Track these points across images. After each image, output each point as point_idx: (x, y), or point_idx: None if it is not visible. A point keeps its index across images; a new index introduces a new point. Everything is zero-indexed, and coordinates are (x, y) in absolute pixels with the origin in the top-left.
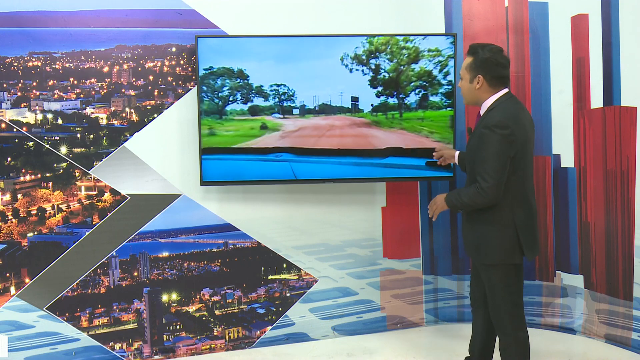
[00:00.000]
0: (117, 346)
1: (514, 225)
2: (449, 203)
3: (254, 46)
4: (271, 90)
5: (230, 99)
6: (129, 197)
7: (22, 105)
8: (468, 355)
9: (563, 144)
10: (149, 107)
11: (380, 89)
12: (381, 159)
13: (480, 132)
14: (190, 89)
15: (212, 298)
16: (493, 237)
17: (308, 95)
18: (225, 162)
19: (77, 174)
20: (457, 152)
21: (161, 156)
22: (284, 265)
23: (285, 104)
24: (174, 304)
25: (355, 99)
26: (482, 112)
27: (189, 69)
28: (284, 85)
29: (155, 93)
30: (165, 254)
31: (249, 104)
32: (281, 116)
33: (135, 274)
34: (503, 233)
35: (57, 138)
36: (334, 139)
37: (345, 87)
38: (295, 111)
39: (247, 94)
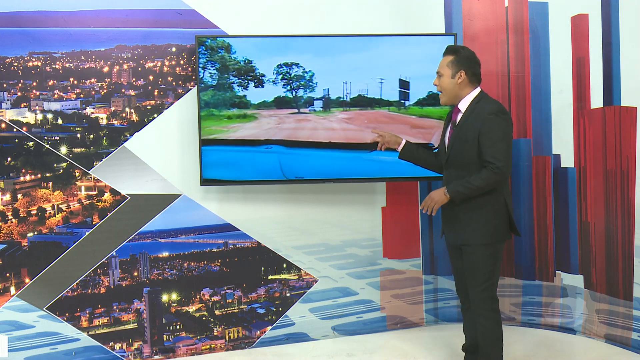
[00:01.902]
0: (117, 346)
1: (506, 205)
2: (454, 194)
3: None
4: (277, 74)
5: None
6: (129, 197)
7: (22, 105)
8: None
9: (563, 144)
10: (149, 107)
11: None
12: (368, 153)
13: (485, 118)
14: (190, 89)
15: (212, 298)
16: (491, 218)
17: (336, 84)
18: (223, 154)
19: (77, 174)
20: (404, 141)
21: (161, 156)
22: (284, 265)
23: (301, 94)
24: (174, 304)
25: (404, 86)
26: (462, 107)
27: (189, 69)
28: (297, 66)
29: (155, 93)
30: (165, 254)
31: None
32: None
33: (135, 274)
34: (499, 213)
35: (57, 138)
36: None
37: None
38: (318, 104)
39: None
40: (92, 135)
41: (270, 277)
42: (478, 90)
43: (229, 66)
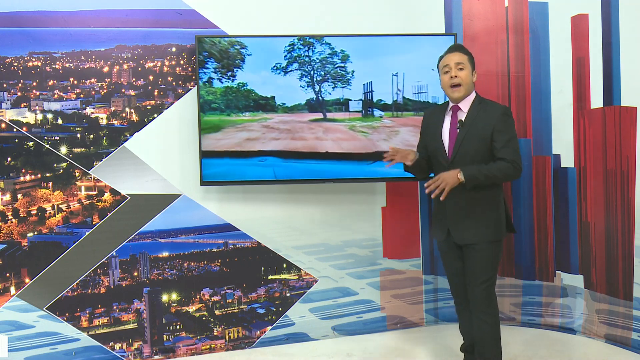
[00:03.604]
0: (117, 346)
1: (504, 203)
2: (470, 178)
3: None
4: (288, 57)
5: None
6: (129, 197)
7: (22, 105)
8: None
9: (563, 144)
10: (149, 107)
11: None
12: (370, 164)
13: (498, 117)
14: (190, 89)
15: (212, 298)
16: (498, 215)
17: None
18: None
19: (77, 174)
20: (417, 154)
21: (161, 156)
22: (284, 265)
23: (328, 98)
24: (174, 304)
25: None
26: (464, 106)
27: (189, 69)
28: (321, 42)
29: (155, 93)
30: (165, 254)
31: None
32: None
33: (135, 274)
34: (501, 210)
35: (57, 138)
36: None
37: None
38: (355, 106)
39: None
40: (92, 135)
41: (270, 277)
42: (475, 92)
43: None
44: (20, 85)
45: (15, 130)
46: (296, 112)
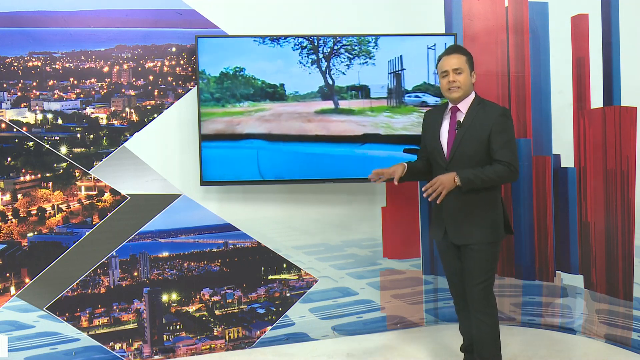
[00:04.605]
0: (117, 346)
1: (502, 204)
2: (466, 181)
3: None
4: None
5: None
6: (129, 197)
7: (22, 105)
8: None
9: (563, 144)
10: (149, 107)
11: None
12: (359, 146)
13: (496, 118)
14: (190, 89)
15: (212, 298)
16: (496, 216)
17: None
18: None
19: (77, 174)
20: (407, 165)
21: (161, 156)
22: (284, 265)
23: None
24: (174, 304)
25: None
26: (463, 107)
27: (189, 69)
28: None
29: (155, 93)
30: (165, 254)
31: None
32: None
33: (135, 274)
34: (498, 211)
35: (57, 138)
36: None
37: None
38: (378, 92)
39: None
40: (92, 135)
41: (270, 277)
42: (474, 92)
43: None
44: (20, 85)
45: (15, 130)
46: (294, 102)
